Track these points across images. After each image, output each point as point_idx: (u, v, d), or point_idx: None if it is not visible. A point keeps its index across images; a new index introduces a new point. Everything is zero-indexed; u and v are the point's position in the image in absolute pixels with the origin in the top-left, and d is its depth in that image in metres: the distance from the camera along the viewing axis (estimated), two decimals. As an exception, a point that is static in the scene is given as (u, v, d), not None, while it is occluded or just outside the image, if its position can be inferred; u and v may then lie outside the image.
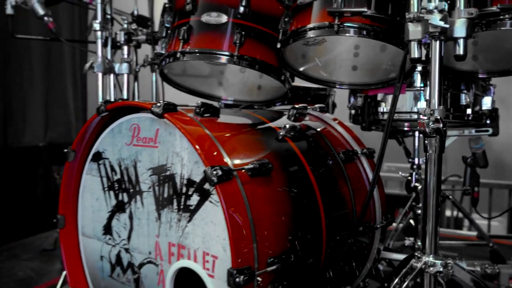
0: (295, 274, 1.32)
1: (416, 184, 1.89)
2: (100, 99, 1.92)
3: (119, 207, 1.48)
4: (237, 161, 1.24)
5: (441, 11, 1.08)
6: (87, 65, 1.89)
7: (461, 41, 1.13)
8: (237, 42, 1.62)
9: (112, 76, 1.96)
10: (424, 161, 1.83)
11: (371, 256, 1.71)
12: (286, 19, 1.55)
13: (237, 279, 1.10)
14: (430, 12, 1.08)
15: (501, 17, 1.29)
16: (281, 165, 1.37)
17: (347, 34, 1.39)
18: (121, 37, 1.95)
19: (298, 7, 1.51)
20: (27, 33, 2.88)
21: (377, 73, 1.71)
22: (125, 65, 1.96)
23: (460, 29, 1.11)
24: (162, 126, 1.33)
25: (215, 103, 1.90)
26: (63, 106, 3.80)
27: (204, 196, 1.22)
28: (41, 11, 1.91)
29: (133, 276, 1.45)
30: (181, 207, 1.28)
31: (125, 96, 1.98)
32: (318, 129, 1.68)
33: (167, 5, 1.83)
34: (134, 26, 2.07)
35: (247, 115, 1.61)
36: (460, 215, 4.57)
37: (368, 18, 1.37)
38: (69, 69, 3.81)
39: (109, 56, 1.96)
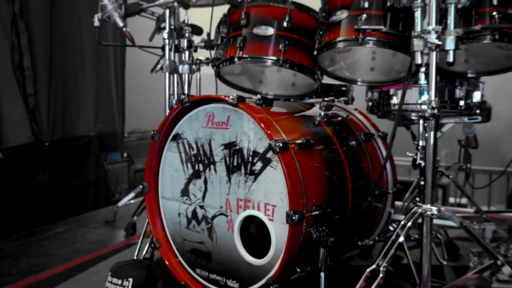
0: (329, 222, 1.79)
1: (420, 161, 2.35)
2: (167, 94, 2.41)
3: (195, 175, 1.96)
4: (289, 137, 1.72)
5: (436, 32, 1.55)
6: (158, 66, 2.38)
7: (451, 52, 1.59)
8: (282, 49, 2.10)
9: (176, 75, 2.44)
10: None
11: (384, 217, 2.19)
12: (320, 33, 2.03)
13: (293, 217, 1.58)
14: (428, 32, 1.55)
15: (482, 33, 1.76)
16: (319, 142, 1.85)
17: (368, 45, 1.87)
18: (184, 44, 2.43)
19: (330, 24, 1.98)
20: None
21: (390, 73, 2.18)
22: (186, 66, 2.44)
23: (450, 43, 1.58)
24: (232, 113, 1.81)
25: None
26: (109, 101, 4.30)
27: (266, 162, 1.70)
28: (121, 23, 2.40)
29: (206, 226, 1.94)
30: (248, 171, 1.77)
31: (185, 91, 2.47)
32: (344, 116, 2.15)
33: (223, 19, 2.31)
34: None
35: (290, 105, 2.10)
36: (463, 201, 5.04)
37: (384, 33, 1.84)
38: (113, 70, 4.31)
39: (172, 59, 2.45)
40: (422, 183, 2.27)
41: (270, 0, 2.15)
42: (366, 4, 1.86)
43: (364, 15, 1.86)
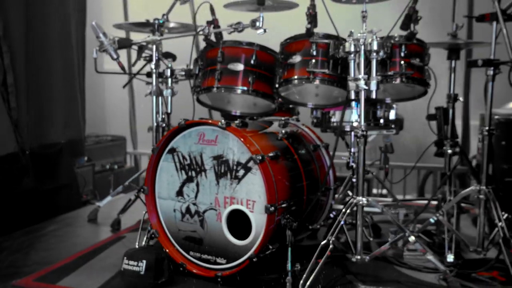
0: (292, 212, 2.47)
1: (352, 164, 3.10)
2: (154, 114, 2.99)
3: (189, 179, 2.56)
4: (264, 151, 2.37)
5: (363, 79, 2.27)
6: (148, 91, 2.95)
7: (373, 91, 2.33)
8: (250, 81, 2.75)
9: (160, 98, 3.02)
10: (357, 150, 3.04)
11: (327, 207, 2.92)
12: (280, 70, 2.70)
13: (270, 209, 2.25)
14: (358, 79, 2.28)
15: (394, 76, 2.53)
16: (282, 154, 2.53)
17: (315, 83, 2.57)
18: (167, 72, 3.00)
19: (287, 65, 2.66)
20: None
21: (330, 98, 2.89)
22: (169, 91, 3.01)
23: (373, 85, 2.31)
24: (220, 133, 2.44)
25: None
26: (75, 112, 4.69)
27: (248, 170, 2.35)
28: (115, 55, 2.91)
29: (198, 218, 2.55)
30: (233, 177, 2.40)
31: (169, 111, 3.04)
32: (297, 132, 2.85)
33: (199, 54, 2.91)
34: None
35: (257, 124, 2.76)
36: (384, 191, 5.93)
37: (328, 74, 2.55)
38: (77, 83, 4.72)
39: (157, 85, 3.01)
40: (354, 180, 3.05)
41: (240, 42, 2.79)
42: (314, 52, 2.56)
43: (313, 60, 2.56)
